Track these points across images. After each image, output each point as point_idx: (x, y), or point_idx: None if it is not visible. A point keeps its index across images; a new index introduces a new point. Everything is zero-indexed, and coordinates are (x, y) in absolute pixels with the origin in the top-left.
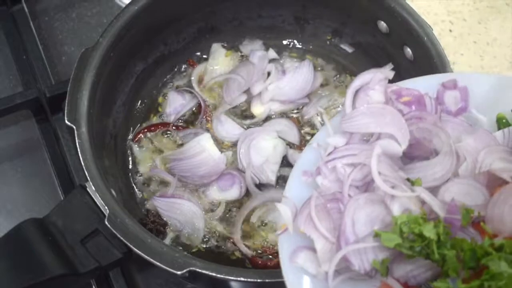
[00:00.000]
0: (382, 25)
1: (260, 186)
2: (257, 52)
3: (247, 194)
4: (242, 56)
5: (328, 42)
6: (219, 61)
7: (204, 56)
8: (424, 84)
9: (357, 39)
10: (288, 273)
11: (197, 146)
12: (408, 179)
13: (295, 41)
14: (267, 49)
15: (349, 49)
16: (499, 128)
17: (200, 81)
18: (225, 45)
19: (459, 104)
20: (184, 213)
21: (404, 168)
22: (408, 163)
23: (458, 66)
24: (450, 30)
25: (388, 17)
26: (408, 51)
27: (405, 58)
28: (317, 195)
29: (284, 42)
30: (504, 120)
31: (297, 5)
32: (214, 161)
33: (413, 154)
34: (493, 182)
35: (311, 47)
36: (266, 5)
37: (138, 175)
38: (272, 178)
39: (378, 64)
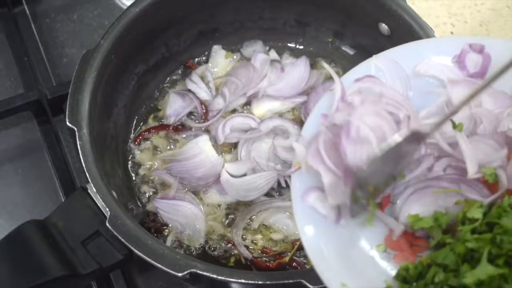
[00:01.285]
0: (384, 27)
1: None
2: (259, 55)
3: None
4: (242, 57)
5: (329, 44)
6: (219, 62)
7: (204, 58)
8: (453, 43)
9: (358, 41)
10: (298, 212)
11: (195, 148)
12: None
13: (296, 44)
14: (268, 50)
15: (351, 51)
16: None
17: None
18: (226, 47)
19: (478, 68)
20: (185, 215)
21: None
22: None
23: None
24: (452, 33)
25: (390, 19)
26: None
27: None
28: (325, 130)
29: (285, 45)
30: None
31: (298, 7)
32: (211, 163)
33: None
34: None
35: (312, 49)
36: (267, 8)
37: (139, 176)
38: (276, 178)
39: None
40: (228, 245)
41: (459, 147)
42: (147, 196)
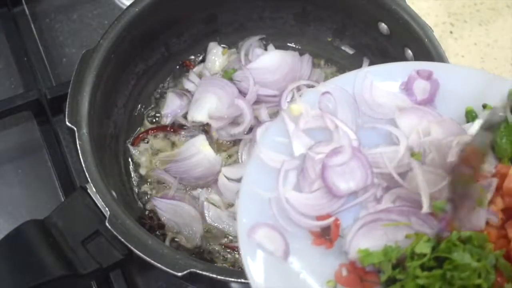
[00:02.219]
0: (383, 27)
1: None
2: (256, 50)
3: None
4: (238, 53)
5: (329, 44)
6: (216, 60)
7: (202, 57)
8: (400, 69)
9: (358, 41)
10: (244, 248)
11: (192, 148)
12: None
13: (296, 43)
14: (266, 45)
15: (350, 51)
16: (467, 121)
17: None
18: (225, 47)
19: (426, 95)
20: (182, 215)
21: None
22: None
23: None
24: (451, 32)
25: (389, 19)
26: (409, 53)
27: (406, 60)
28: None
29: (285, 44)
30: (473, 114)
31: (298, 7)
32: (209, 162)
33: None
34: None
35: (312, 48)
36: (267, 8)
37: (138, 176)
38: None
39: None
40: (226, 250)
41: (409, 178)
42: (146, 195)
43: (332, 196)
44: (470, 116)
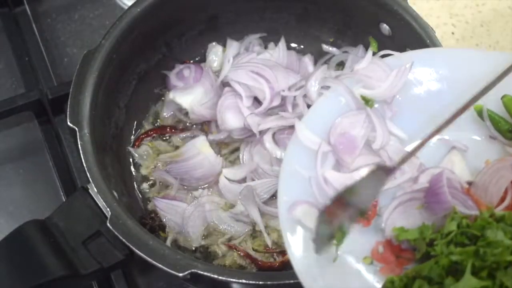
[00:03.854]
0: (385, 27)
1: None
2: (255, 48)
3: None
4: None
5: (330, 45)
6: (216, 59)
7: (201, 57)
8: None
9: (359, 42)
10: (285, 225)
11: (192, 148)
12: None
13: (298, 44)
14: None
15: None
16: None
17: None
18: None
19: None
20: (183, 216)
21: None
22: None
23: None
24: (453, 33)
25: (391, 20)
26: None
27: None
28: None
29: (287, 45)
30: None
31: (299, 7)
32: (210, 163)
33: None
34: None
35: (313, 49)
36: (268, 8)
37: (139, 177)
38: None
39: None
40: (227, 249)
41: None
42: (147, 196)
43: None
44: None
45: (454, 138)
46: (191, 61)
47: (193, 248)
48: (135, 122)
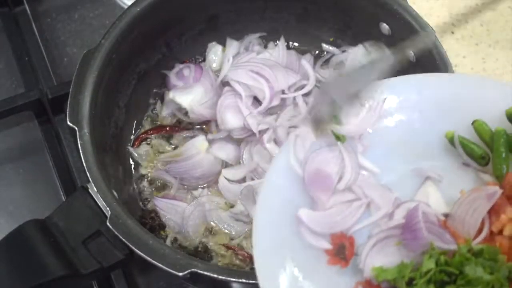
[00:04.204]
0: (385, 27)
1: None
2: (255, 47)
3: None
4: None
5: (330, 44)
6: (216, 59)
7: (202, 58)
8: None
9: (359, 41)
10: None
11: (192, 148)
12: None
13: (298, 43)
14: (266, 43)
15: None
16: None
17: None
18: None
19: None
20: (183, 215)
21: None
22: None
23: (460, 68)
24: (452, 32)
25: (390, 19)
26: (410, 53)
27: (408, 60)
28: None
29: (286, 44)
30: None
31: (299, 7)
32: (209, 162)
33: None
34: None
35: (313, 48)
36: (268, 8)
37: (139, 176)
38: None
39: None
40: (227, 250)
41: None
42: (147, 195)
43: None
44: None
45: (427, 167)
46: (191, 61)
47: (193, 248)
48: (135, 122)
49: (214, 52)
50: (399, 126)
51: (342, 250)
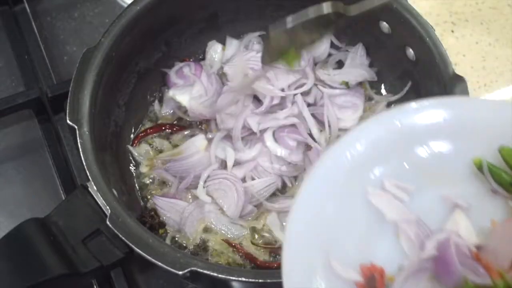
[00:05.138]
0: (384, 25)
1: None
2: (255, 45)
3: None
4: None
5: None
6: (216, 57)
7: (202, 56)
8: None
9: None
10: None
11: (192, 147)
12: None
13: None
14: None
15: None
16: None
17: None
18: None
19: None
20: (183, 214)
21: None
22: None
23: (460, 67)
24: (452, 31)
25: (390, 18)
26: (410, 51)
27: (407, 59)
28: None
29: None
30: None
31: (299, 5)
32: (209, 161)
33: None
34: None
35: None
36: (268, 6)
37: (139, 175)
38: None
39: (380, 64)
40: (227, 247)
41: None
42: (147, 194)
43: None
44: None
45: (454, 194)
46: (191, 59)
47: (192, 246)
48: (135, 120)
49: (214, 51)
50: (428, 154)
51: (372, 283)
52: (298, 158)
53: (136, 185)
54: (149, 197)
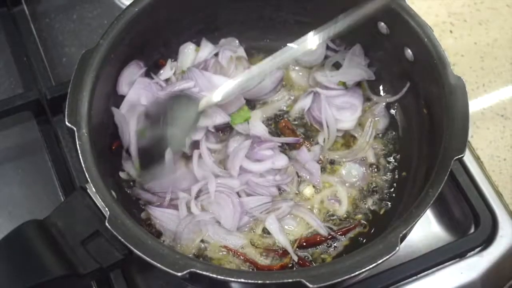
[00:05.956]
0: (382, 26)
1: None
2: (225, 52)
3: None
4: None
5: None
6: (188, 58)
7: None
8: None
9: (357, 40)
10: None
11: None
12: None
13: (296, 43)
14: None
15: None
16: None
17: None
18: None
19: None
20: (177, 227)
21: None
22: None
23: (459, 67)
24: (451, 31)
25: (389, 18)
26: (409, 52)
27: (406, 59)
28: None
29: (285, 44)
30: None
31: (298, 7)
32: (194, 176)
33: None
34: None
35: None
36: (267, 7)
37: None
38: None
39: (378, 64)
40: (224, 253)
41: None
42: (142, 203)
43: None
44: None
45: None
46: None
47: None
48: None
49: (186, 53)
50: None
51: None
52: (284, 161)
53: (131, 192)
54: (143, 206)
